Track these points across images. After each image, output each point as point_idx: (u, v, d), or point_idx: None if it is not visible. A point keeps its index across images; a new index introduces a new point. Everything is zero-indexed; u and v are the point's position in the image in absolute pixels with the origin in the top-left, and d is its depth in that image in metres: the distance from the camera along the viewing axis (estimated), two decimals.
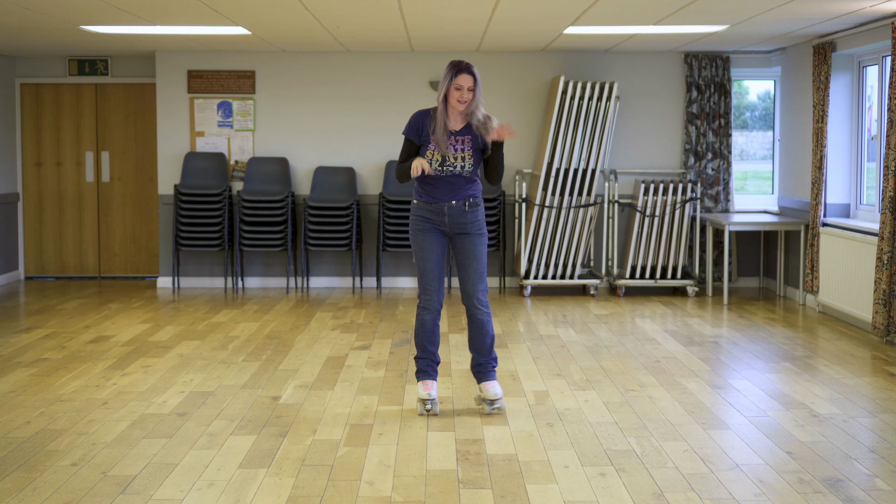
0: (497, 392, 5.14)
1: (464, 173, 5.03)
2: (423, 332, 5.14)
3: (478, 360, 5.20)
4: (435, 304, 5.11)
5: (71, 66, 10.20)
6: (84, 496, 3.93)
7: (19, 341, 7.03)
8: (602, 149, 9.14)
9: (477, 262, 5.09)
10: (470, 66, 4.97)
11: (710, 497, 3.93)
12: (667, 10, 6.90)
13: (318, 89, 9.76)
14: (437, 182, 5.05)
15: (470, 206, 5.07)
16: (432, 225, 5.09)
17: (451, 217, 5.05)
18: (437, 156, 5.01)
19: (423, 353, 5.17)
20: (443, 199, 5.04)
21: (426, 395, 5.10)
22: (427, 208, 5.08)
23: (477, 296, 5.09)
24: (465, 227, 5.08)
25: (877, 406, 5.31)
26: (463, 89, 4.94)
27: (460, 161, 5.01)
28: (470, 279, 5.09)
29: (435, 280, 5.10)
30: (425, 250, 5.09)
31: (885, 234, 6.89)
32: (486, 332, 5.13)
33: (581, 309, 8.50)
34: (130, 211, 10.39)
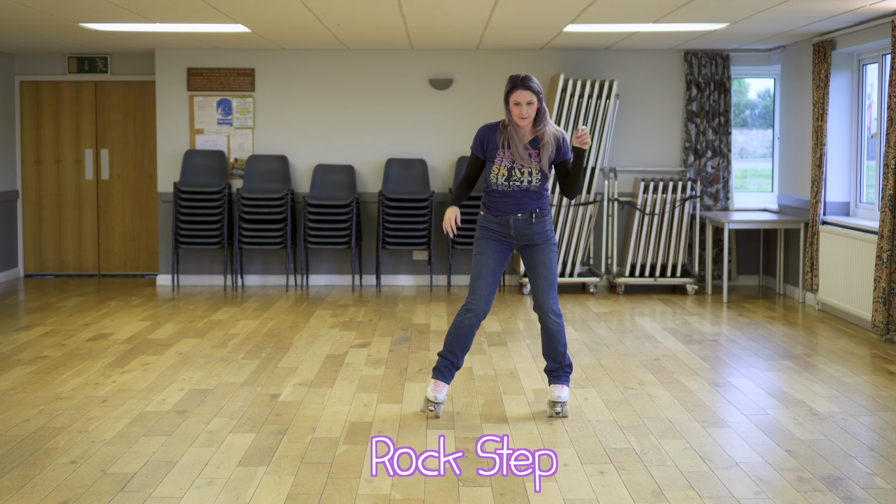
0: (560, 395, 5.05)
1: (531, 188, 4.91)
2: (458, 334, 5.02)
3: (551, 366, 5.13)
4: (480, 309, 4.97)
5: (70, 64, 10.19)
6: (83, 494, 3.93)
7: (18, 339, 7.03)
8: (602, 147, 9.14)
9: (547, 270, 4.98)
10: (527, 80, 4.80)
11: (710, 495, 3.93)
12: (666, 8, 6.89)
13: (318, 87, 9.75)
14: (504, 197, 4.93)
15: (537, 218, 4.95)
16: (498, 236, 4.99)
17: (516, 230, 4.95)
18: (504, 170, 4.89)
19: (449, 354, 5.05)
20: (508, 212, 4.94)
21: (433, 396, 5.02)
22: (493, 220, 4.98)
23: (549, 304, 4.98)
24: (532, 237, 4.97)
25: (876, 404, 5.31)
26: (522, 105, 4.79)
27: (527, 176, 4.89)
28: (541, 288, 4.99)
29: (487, 286, 4.97)
30: (484, 254, 4.99)
31: (885, 232, 6.89)
32: (557, 339, 5.04)
33: (581, 307, 8.50)
34: (130, 209, 10.39)
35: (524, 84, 4.79)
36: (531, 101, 4.79)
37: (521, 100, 4.79)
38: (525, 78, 4.81)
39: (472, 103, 9.70)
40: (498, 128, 4.96)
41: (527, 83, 4.79)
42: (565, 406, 5.07)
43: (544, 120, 4.88)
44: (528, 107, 4.80)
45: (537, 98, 4.81)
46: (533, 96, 4.79)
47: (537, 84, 4.84)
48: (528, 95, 4.79)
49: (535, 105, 4.82)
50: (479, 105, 9.68)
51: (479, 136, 4.98)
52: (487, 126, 5.00)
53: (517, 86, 4.79)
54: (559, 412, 5.05)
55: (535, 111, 4.83)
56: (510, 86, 4.82)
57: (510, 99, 4.82)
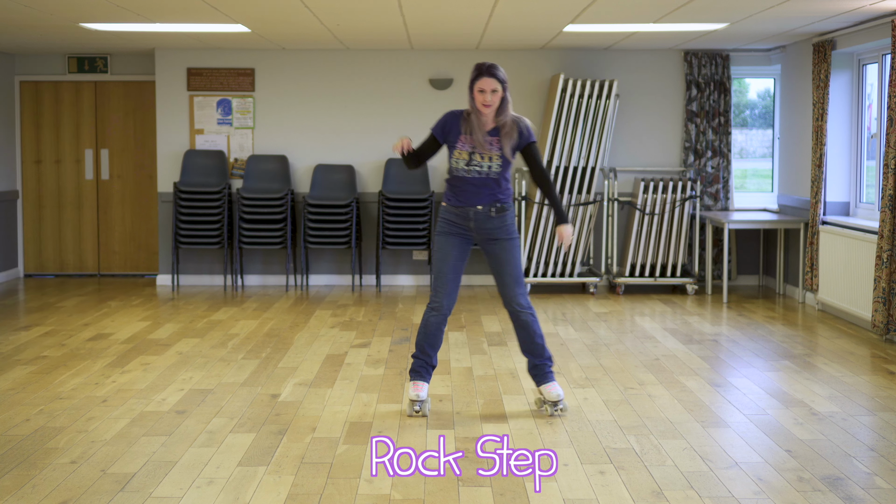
0: (559, 393, 5.05)
1: (491, 174, 4.91)
2: (426, 333, 5.06)
3: (533, 363, 5.10)
4: (444, 306, 5.00)
5: (70, 64, 10.19)
6: (83, 494, 3.92)
7: (18, 339, 7.03)
8: (602, 147, 9.14)
9: (511, 265, 4.98)
10: (493, 68, 4.82)
11: (710, 495, 3.93)
12: (666, 7, 6.89)
13: (318, 87, 9.75)
14: (464, 184, 4.93)
15: (497, 212, 4.95)
16: (458, 229, 4.99)
17: (477, 223, 4.95)
18: (464, 154, 4.91)
19: (422, 354, 5.09)
20: (468, 203, 4.94)
21: (415, 395, 5.04)
22: (454, 212, 4.98)
23: (517, 299, 4.99)
24: (492, 232, 4.97)
25: (876, 404, 5.31)
26: (486, 92, 4.81)
27: (487, 161, 4.90)
28: (507, 285, 4.99)
29: (448, 283, 4.99)
30: (443, 251, 5.00)
31: (885, 232, 6.89)
32: (533, 331, 5.03)
33: (580, 307, 8.50)
34: (130, 208, 10.39)
35: (489, 72, 4.82)
36: (496, 88, 4.82)
37: (485, 87, 4.82)
38: (491, 66, 4.84)
39: None
40: (462, 115, 4.98)
41: (492, 71, 4.82)
42: (564, 402, 5.07)
43: (506, 109, 4.90)
44: (493, 94, 4.82)
45: (502, 86, 4.84)
46: (498, 84, 4.82)
47: (503, 73, 4.87)
48: (492, 83, 4.81)
49: (500, 94, 4.84)
50: None
51: (442, 120, 5.01)
52: (452, 112, 5.02)
53: (482, 73, 4.83)
54: (561, 409, 5.05)
55: (500, 100, 4.86)
56: (475, 73, 4.84)
57: (475, 86, 4.84)
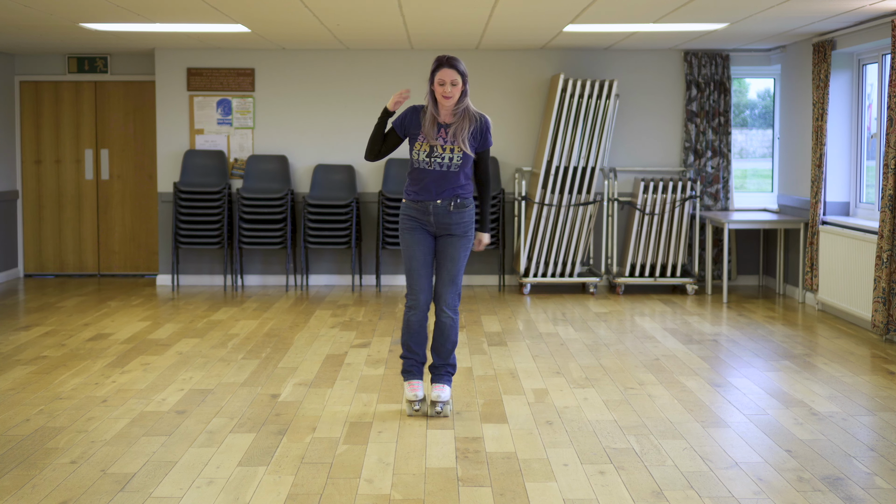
0: (440, 395, 5.03)
1: (452, 167, 4.91)
2: (409, 332, 5.04)
3: (435, 363, 5.11)
4: (422, 303, 4.99)
5: (70, 64, 10.19)
6: (83, 494, 3.92)
7: (18, 339, 7.03)
8: (602, 147, 9.13)
9: (453, 264, 4.99)
10: (453, 60, 4.83)
11: (710, 495, 3.93)
12: (666, 7, 6.89)
13: (318, 87, 9.75)
14: (425, 177, 4.93)
15: (456, 207, 4.95)
16: (419, 224, 4.99)
17: (436, 217, 4.95)
18: (425, 146, 4.90)
19: (409, 353, 5.08)
20: (428, 197, 4.94)
21: (413, 395, 5.04)
22: (414, 206, 4.98)
23: (446, 299, 4.99)
24: (449, 227, 4.97)
25: (876, 404, 5.31)
26: (446, 84, 4.82)
27: (448, 153, 4.89)
28: (442, 281, 5.00)
29: (421, 279, 4.99)
30: (412, 248, 4.99)
31: (885, 232, 6.89)
32: (447, 336, 5.03)
33: (580, 307, 8.50)
34: (130, 209, 10.39)
35: (450, 63, 4.83)
36: (455, 80, 4.83)
37: (445, 78, 4.82)
38: (451, 58, 4.86)
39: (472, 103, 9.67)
40: (422, 109, 4.98)
41: (452, 62, 4.84)
42: (446, 406, 5.06)
43: (464, 102, 4.90)
44: (453, 87, 4.83)
45: (462, 79, 4.84)
46: (458, 76, 4.83)
47: (463, 66, 4.88)
48: (452, 74, 4.82)
49: (460, 86, 4.85)
50: (480, 105, 9.65)
51: (402, 113, 5.01)
52: (413, 107, 5.01)
53: (443, 64, 4.84)
54: (439, 412, 5.03)
55: (459, 92, 4.86)
56: (436, 64, 4.85)
57: (435, 77, 4.84)
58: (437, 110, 4.91)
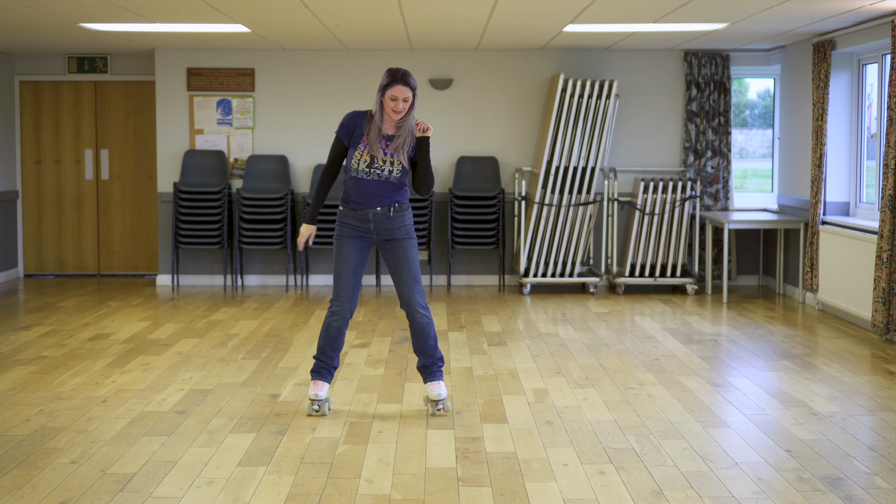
0: (440, 392, 5.06)
1: (391, 178, 4.90)
2: (328, 336, 5.04)
3: (423, 362, 5.11)
4: (345, 310, 4.99)
5: (70, 64, 10.19)
6: (83, 494, 3.92)
7: (18, 339, 7.03)
8: (602, 147, 9.13)
9: (409, 265, 4.99)
10: (407, 76, 4.81)
11: (710, 495, 3.93)
12: (666, 7, 6.90)
13: (318, 87, 9.76)
14: (363, 186, 4.91)
15: (395, 212, 4.96)
16: (357, 232, 4.98)
17: (376, 224, 4.95)
18: (367, 156, 4.89)
19: (324, 356, 5.07)
20: (367, 205, 4.93)
21: (314, 394, 5.04)
22: (352, 215, 4.97)
23: (415, 299, 4.99)
24: (391, 233, 4.97)
25: (876, 404, 5.31)
26: (398, 100, 4.79)
27: (388, 165, 4.89)
28: (405, 283, 4.99)
29: (349, 287, 4.98)
30: (344, 255, 4.98)
31: (885, 232, 6.89)
32: (427, 333, 5.04)
33: (580, 307, 8.50)
34: (130, 209, 10.39)
35: (404, 80, 4.80)
36: (407, 97, 4.82)
37: (398, 95, 4.80)
38: (406, 73, 4.82)
39: (471, 103, 9.70)
40: (366, 116, 4.95)
41: (406, 79, 4.81)
42: (446, 401, 5.09)
43: (410, 116, 4.89)
44: (404, 103, 4.82)
45: (413, 95, 4.84)
46: (410, 93, 4.82)
47: (415, 81, 4.86)
48: (405, 91, 4.80)
49: (410, 102, 4.84)
50: (479, 105, 9.69)
51: (345, 120, 4.97)
52: (355, 113, 4.99)
53: (397, 80, 4.79)
54: (440, 409, 5.05)
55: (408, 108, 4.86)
56: (390, 79, 4.80)
57: (387, 92, 4.80)
58: (381, 122, 4.91)
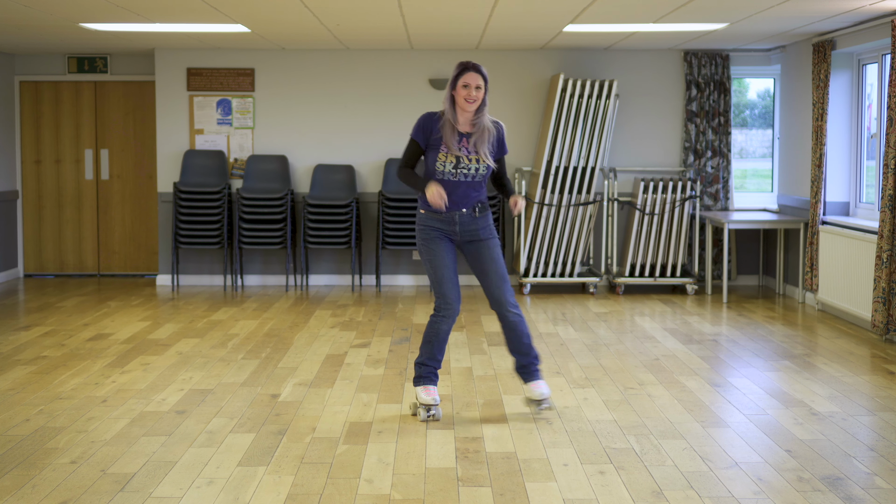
0: (543, 392, 5.01)
1: (477, 178, 4.88)
2: (437, 340, 4.94)
3: (520, 362, 5.04)
4: (454, 311, 4.91)
5: (70, 64, 10.19)
6: (83, 494, 3.92)
7: (18, 339, 7.03)
8: (601, 147, 9.14)
9: (497, 264, 4.94)
10: (479, 66, 4.83)
11: (710, 495, 3.93)
12: (666, 8, 6.90)
13: (318, 87, 9.76)
14: (449, 188, 4.86)
15: (480, 212, 4.93)
16: (443, 234, 4.94)
17: (461, 226, 4.91)
18: (452, 157, 4.85)
19: (431, 361, 4.98)
20: (454, 207, 4.88)
21: (431, 399, 4.95)
22: (437, 218, 4.91)
23: (505, 298, 4.93)
24: (476, 233, 4.94)
25: (876, 404, 5.31)
26: (470, 87, 4.78)
27: (474, 164, 4.85)
28: (494, 283, 4.93)
29: (453, 287, 4.91)
30: (440, 257, 4.91)
31: (885, 232, 6.89)
32: (521, 332, 4.97)
33: (580, 307, 8.50)
34: (130, 209, 10.39)
35: (475, 67, 4.82)
36: (479, 85, 4.81)
37: (471, 82, 4.79)
38: (476, 63, 4.85)
39: None
40: (438, 116, 4.92)
41: (478, 67, 4.83)
42: (550, 400, 5.06)
43: (483, 112, 4.87)
44: (477, 91, 4.80)
45: (485, 85, 4.83)
46: (482, 81, 4.82)
47: (486, 73, 4.87)
48: (477, 79, 4.80)
49: (483, 91, 4.83)
50: None
51: (420, 122, 4.93)
52: (429, 114, 4.95)
53: (468, 68, 4.82)
54: (547, 407, 5.03)
55: (482, 98, 4.84)
56: (460, 69, 4.82)
57: (459, 81, 4.80)
58: (455, 118, 4.86)
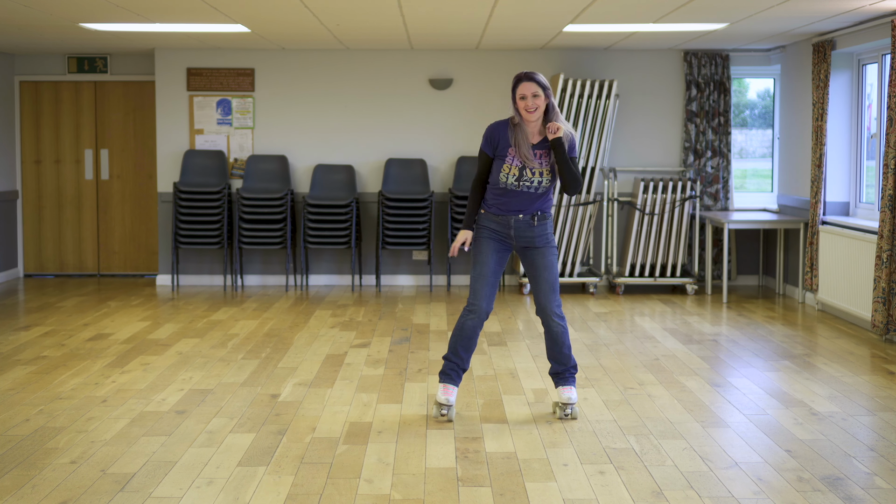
0: (570, 396, 5.01)
1: (539, 189, 4.88)
2: (462, 335, 4.96)
3: (556, 369, 5.07)
4: (483, 309, 4.92)
5: (70, 64, 10.19)
6: (83, 494, 3.92)
7: (18, 339, 7.03)
8: (601, 147, 9.14)
9: (549, 273, 4.95)
10: (531, 74, 4.80)
11: (709, 495, 3.93)
12: (666, 8, 6.90)
13: (318, 87, 9.75)
14: (511, 196, 4.88)
15: (538, 220, 4.92)
16: (497, 235, 4.95)
17: (517, 230, 4.91)
18: (515, 169, 4.84)
19: (455, 357, 5.00)
20: (511, 212, 4.90)
21: (445, 399, 4.97)
22: (494, 220, 4.93)
23: (551, 308, 4.95)
24: (532, 240, 4.94)
25: (876, 404, 5.31)
26: (528, 98, 4.76)
27: (538, 177, 4.85)
28: (543, 292, 4.95)
29: (488, 286, 4.92)
30: (484, 254, 4.94)
31: (885, 232, 6.89)
32: (562, 342, 4.99)
33: (580, 307, 8.50)
34: (130, 209, 10.39)
35: (528, 76, 4.80)
36: (536, 93, 4.78)
37: (526, 92, 4.78)
38: (530, 72, 4.83)
39: (471, 103, 9.70)
40: (508, 125, 4.91)
41: (531, 75, 4.80)
42: (574, 407, 5.04)
43: (554, 117, 4.84)
44: (534, 99, 4.78)
45: (544, 92, 4.79)
46: (538, 88, 4.78)
47: (543, 79, 4.83)
48: (533, 87, 4.77)
49: (542, 98, 4.79)
50: (479, 105, 9.68)
51: (488, 133, 4.93)
52: (498, 123, 4.95)
53: (522, 79, 4.80)
54: (569, 414, 5.01)
55: (544, 105, 4.81)
56: (515, 81, 4.82)
57: (516, 93, 4.81)
58: (524, 129, 4.85)
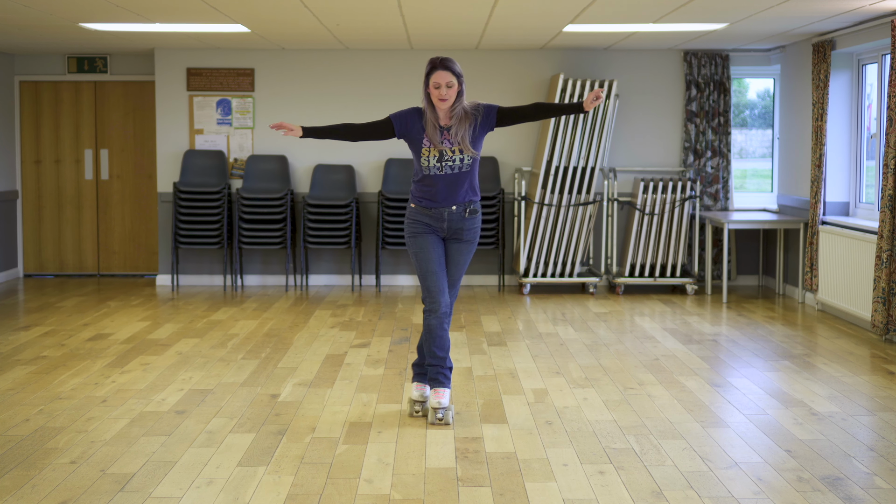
0: (441, 402, 4.88)
1: (463, 168, 4.81)
2: (431, 337, 4.90)
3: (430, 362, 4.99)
4: (440, 304, 4.86)
5: (70, 64, 10.19)
6: (83, 494, 3.92)
7: (18, 339, 7.03)
8: (601, 147, 9.14)
9: (457, 270, 4.95)
10: (447, 62, 4.70)
11: (709, 495, 3.93)
12: (666, 8, 6.90)
13: (318, 87, 9.76)
14: (438, 182, 4.82)
15: (470, 214, 4.89)
16: (430, 229, 4.89)
17: (449, 223, 4.87)
18: (435, 151, 4.79)
19: (434, 359, 4.94)
20: (443, 203, 4.84)
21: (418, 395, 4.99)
22: (426, 213, 4.87)
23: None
24: (460, 233, 4.91)
25: (876, 404, 5.31)
26: (441, 86, 4.70)
27: (458, 155, 4.79)
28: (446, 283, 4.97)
29: (439, 280, 4.86)
30: (426, 251, 4.87)
31: (885, 232, 6.89)
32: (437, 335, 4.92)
33: (580, 307, 8.50)
34: (129, 209, 10.39)
35: (444, 65, 4.71)
36: (451, 82, 4.71)
37: (440, 81, 4.70)
38: (445, 59, 4.74)
39: None
40: (419, 113, 4.85)
41: (447, 64, 4.71)
42: (447, 412, 4.88)
43: (460, 103, 4.77)
44: (448, 89, 4.71)
45: (458, 80, 4.73)
46: (453, 78, 4.71)
47: (458, 66, 4.76)
48: (447, 76, 4.70)
49: (456, 87, 4.72)
50: None
51: (403, 112, 4.86)
52: (413, 109, 4.87)
53: (436, 67, 4.71)
54: (440, 419, 4.85)
55: (455, 94, 4.74)
56: (430, 67, 4.73)
57: (430, 80, 4.72)
58: (435, 114, 4.80)
